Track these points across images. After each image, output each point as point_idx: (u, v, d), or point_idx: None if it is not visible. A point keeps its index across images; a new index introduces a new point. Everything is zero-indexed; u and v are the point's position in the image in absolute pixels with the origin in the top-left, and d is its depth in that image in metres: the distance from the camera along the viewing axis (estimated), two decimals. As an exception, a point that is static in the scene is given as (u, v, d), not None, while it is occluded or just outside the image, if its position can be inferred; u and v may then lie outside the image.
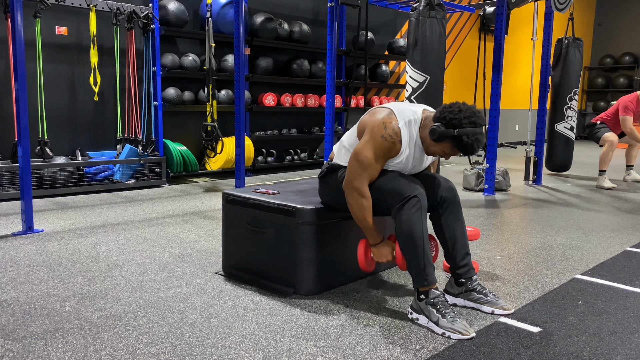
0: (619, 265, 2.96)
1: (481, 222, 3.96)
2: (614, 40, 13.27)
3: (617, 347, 1.96)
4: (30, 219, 3.45)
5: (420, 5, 4.39)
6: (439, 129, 2.08)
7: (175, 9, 5.52)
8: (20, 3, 3.27)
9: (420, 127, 2.21)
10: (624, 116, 5.65)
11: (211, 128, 5.31)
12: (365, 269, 2.34)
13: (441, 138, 2.09)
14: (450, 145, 2.12)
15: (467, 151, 2.11)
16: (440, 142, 2.12)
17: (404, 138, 2.17)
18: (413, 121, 2.20)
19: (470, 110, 2.08)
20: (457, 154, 2.16)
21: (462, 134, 2.06)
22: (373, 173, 2.20)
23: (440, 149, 2.16)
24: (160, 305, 2.26)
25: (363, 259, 2.31)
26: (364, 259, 2.31)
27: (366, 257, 2.32)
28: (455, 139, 2.08)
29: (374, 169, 2.19)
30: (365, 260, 2.31)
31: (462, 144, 2.08)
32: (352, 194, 2.20)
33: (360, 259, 2.31)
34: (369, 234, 2.27)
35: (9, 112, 4.75)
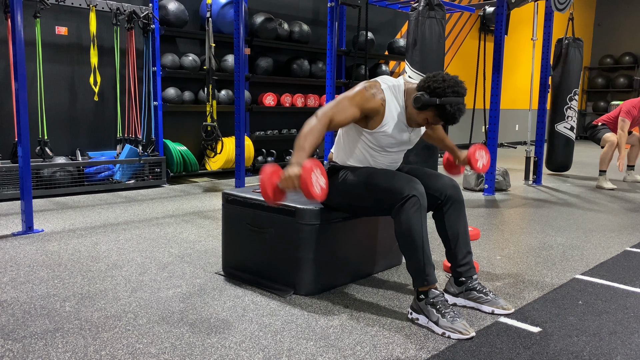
0: (619, 265, 2.96)
1: (481, 222, 3.96)
2: (614, 40, 13.27)
3: (617, 347, 1.96)
4: (30, 219, 3.45)
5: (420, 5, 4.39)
6: (422, 97, 2.11)
7: (175, 9, 5.52)
8: (20, 3, 3.27)
9: (405, 94, 2.25)
10: (623, 118, 5.69)
11: (211, 128, 5.31)
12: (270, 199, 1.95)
13: (424, 106, 2.12)
14: (433, 114, 2.15)
15: (449, 120, 2.14)
16: (423, 110, 2.15)
17: (387, 98, 2.20)
18: (396, 86, 2.25)
19: (454, 80, 2.12)
20: (438, 122, 2.20)
21: (445, 103, 2.09)
22: (340, 111, 2.12)
23: (422, 117, 2.19)
24: (160, 305, 2.26)
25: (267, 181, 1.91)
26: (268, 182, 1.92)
27: (270, 181, 1.93)
28: (438, 107, 2.11)
29: (345, 107, 2.13)
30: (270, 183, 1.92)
31: (445, 113, 2.11)
32: (311, 118, 2.10)
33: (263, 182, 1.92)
34: (297, 151, 1.99)
35: (9, 112, 4.75)
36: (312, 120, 2.11)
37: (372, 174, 2.25)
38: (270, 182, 1.93)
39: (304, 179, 1.88)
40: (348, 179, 2.30)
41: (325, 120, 2.11)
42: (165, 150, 5.66)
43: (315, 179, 1.92)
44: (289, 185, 1.92)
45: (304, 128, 2.08)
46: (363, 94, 2.17)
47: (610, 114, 6.04)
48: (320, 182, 1.95)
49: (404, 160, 2.62)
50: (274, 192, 1.94)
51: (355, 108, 2.16)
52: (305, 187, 1.89)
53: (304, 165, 1.91)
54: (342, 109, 2.15)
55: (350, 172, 2.32)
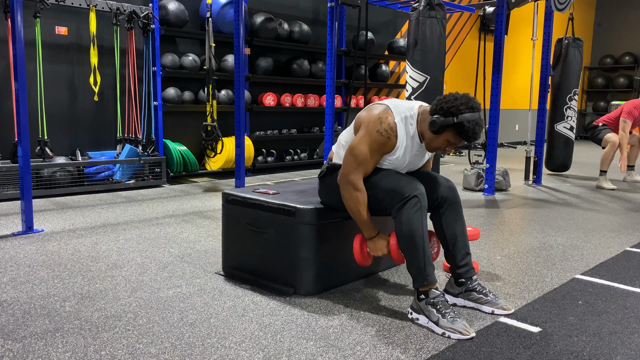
0: (619, 265, 2.96)
1: (481, 222, 3.96)
2: (614, 40, 13.27)
3: (617, 347, 1.96)
4: (30, 219, 3.45)
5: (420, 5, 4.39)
6: (438, 120, 2.08)
7: (175, 9, 5.52)
8: (20, 3, 3.27)
9: (418, 123, 2.21)
10: (625, 119, 5.70)
11: (211, 128, 5.31)
12: (362, 264, 2.34)
13: (442, 129, 2.09)
14: (453, 134, 2.11)
15: (469, 137, 2.09)
16: (441, 133, 2.11)
17: (399, 133, 2.17)
18: (409, 117, 2.20)
19: (466, 97, 2.09)
20: (460, 142, 2.15)
21: (462, 120, 2.05)
22: (368, 167, 2.21)
23: (442, 140, 2.15)
24: (160, 305, 2.26)
25: (359, 253, 2.30)
26: (359, 253, 2.30)
27: (362, 251, 2.31)
28: (456, 126, 2.07)
29: (369, 163, 2.20)
30: (362, 254, 2.31)
31: (464, 130, 2.07)
32: (346, 188, 2.21)
33: (357, 253, 2.31)
34: (364, 227, 2.27)
35: (9, 112, 4.75)
36: (349, 191, 2.22)
37: (372, 174, 2.25)
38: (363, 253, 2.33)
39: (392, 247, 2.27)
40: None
41: (360, 184, 2.21)
42: (165, 150, 5.66)
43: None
44: (378, 252, 2.29)
45: (348, 202, 2.24)
46: (378, 141, 2.16)
47: (611, 114, 6.04)
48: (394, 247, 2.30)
49: None
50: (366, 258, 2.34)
51: (377, 155, 2.20)
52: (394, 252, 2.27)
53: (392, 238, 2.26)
54: (366, 163, 2.19)
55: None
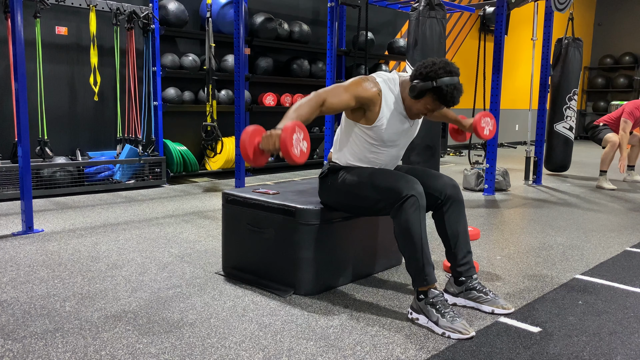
0: (619, 265, 2.96)
1: (481, 222, 3.96)
2: (614, 40, 13.27)
3: (617, 347, 1.96)
4: (30, 219, 3.45)
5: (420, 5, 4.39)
6: (417, 84, 2.12)
7: (175, 9, 5.52)
8: (20, 3, 3.27)
9: (401, 89, 2.24)
10: (626, 120, 5.69)
11: (211, 128, 5.31)
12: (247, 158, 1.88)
13: (421, 93, 2.13)
14: (432, 99, 2.14)
15: (448, 101, 2.12)
16: (421, 97, 2.15)
17: (383, 90, 2.20)
18: (391, 79, 2.25)
19: (444, 62, 2.12)
20: (439, 107, 2.18)
21: (441, 84, 2.08)
22: (335, 97, 2.11)
23: (422, 105, 2.18)
24: (160, 305, 2.27)
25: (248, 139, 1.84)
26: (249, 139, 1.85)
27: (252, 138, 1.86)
28: (435, 90, 2.10)
29: (340, 94, 2.12)
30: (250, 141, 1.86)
31: (443, 94, 2.10)
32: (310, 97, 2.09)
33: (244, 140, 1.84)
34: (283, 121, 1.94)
35: (9, 112, 4.75)
36: (304, 98, 2.11)
37: (371, 174, 2.25)
38: (250, 142, 1.85)
39: (283, 139, 1.80)
40: (347, 178, 2.30)
41: (317, 99, 2.08)
42: (165, 150, 5.66)
43: (296, 140, 1.84)
44: (269, 145, 1.86)
45: (295, 103, 2.07)
46: (358, 84, 2.18)
47: (611, 114, 6.04)
48: (302, 146, 1.88)
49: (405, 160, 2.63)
50: (255, 152, 1.87)
51: (350, 95, 2.14)
52: (284, 148, 1.81)
53: (285, 126, 1.84)
54: (336, 93, 2.14)
55: (349, 172, 2.32)
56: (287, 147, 1.81)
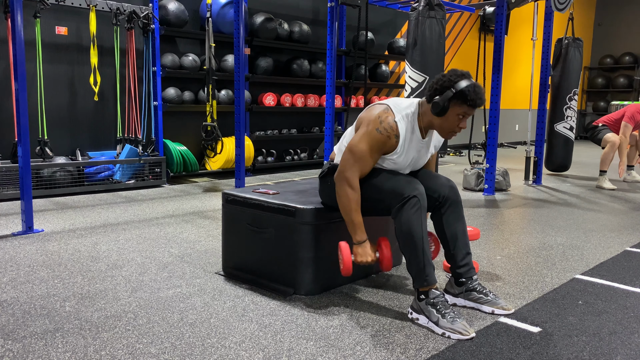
0: (619, 265, 2.96)
1: (481, 222, 3.96)
2: (614, 40, 13.27)
3: (617, 347, 1.96)
4: (30, 219, 3.45)
5: (420, 5, 4.39)
6: (439, 99, 2.10)
7: (175, 9, 5.52)
8: (20, 3, 3.27)
9: (419, 117, 2.22)
10: (626, 123, 5.70)
11: (211, 128, 5.31)
12: (347, 272, 2.19)
13: (445, 107, 2.09)
14: (458, 105, 2.10)
15: (475, 100, 2.08)
16: (447, 111, 2.11)
17: (401, 132, 2.17)
18: (410, 114, 2.21)
19: (451, 71, 2.12)
20: (470, 111, 2.12)
21: (460, 88, 2.07)
22: (365, 166, 2.20)
23: (452, 118, 2.13)
24: (160, 305, 2.27)
25: (349, 258, 2.17)
26: (349, 259, 2.17)
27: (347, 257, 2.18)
28: (458, 95, 2.08)
29: (367, 162, 2.19)
30: (347, 260, 2.17)
31: (466, 95, 2.07)
32: (342, 186, 2.20)
33: (347, 258, 2.16)
34: (355, 229, 2.20)
35: (9, 112, 4.75)
36: (344, 189, 2.18)
37: (372, 174, 2.25)
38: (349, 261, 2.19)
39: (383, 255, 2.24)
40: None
41: (355, 182, 2.19)
42: (165, 150, 5.66)
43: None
44: (367, 260, 2.21)
45: (342, 200, 2.19)
46: (378, 139, 2.15)
47: (611, 115, 6.03)
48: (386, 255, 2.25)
49: None
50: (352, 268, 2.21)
51: (376, 155, 2.20)
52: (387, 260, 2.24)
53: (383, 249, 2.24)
54: (364, 161, 2.18)
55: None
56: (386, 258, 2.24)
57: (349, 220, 2.21)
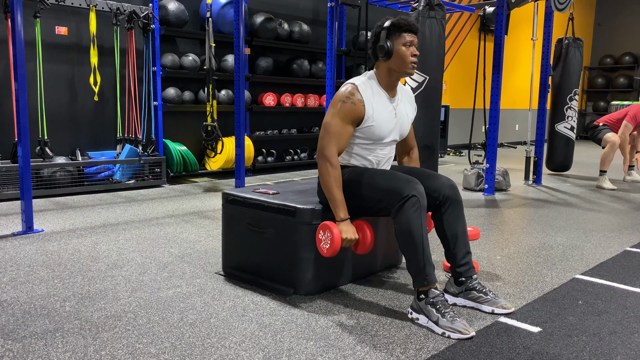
0: (619, 265, 2.96)
1: (481, 222, 3.96)
2: (614, 40, 13.27)
3: (617, 347, 1.96)
4: (30, 219, 3.45)
5: (420, 5, 4.39)
6: (379, 45, 2.26)
7: (175, 9, 5.52)
8: (20, 3, 3.27)
9: (378, 79, 2.34)
10: (627, 123, 5.70)
11: (211, 128, 5.31)
12: (335, 252, 2.20)
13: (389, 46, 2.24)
14: (398, 37, 2.25)
15: (409, 24, 2.24)
16: (392, 48, 2.25)
17: (364, 95, 2.27)
18: (367, 79, 2.34)
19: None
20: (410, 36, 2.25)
21: (389, 23, 2.25)
22: (341, 140, 2.26)
23: (401, 52, 2.25)
24: (160, 305, 2.27)
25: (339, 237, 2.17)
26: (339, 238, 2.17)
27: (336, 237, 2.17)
28: (390, 29, 2.25)
29: (342, 135, 2.25)
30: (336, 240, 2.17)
31: (399, 25, 2.24)
32: (322, 163, 2.25)
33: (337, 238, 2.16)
34: (338, 205, 2.23)
35: (9, 112, 4.75)
36: (325, 166, 2.23)
37: (372, 174, 2.26)
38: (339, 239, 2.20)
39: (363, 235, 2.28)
40: (348, 179, 2.30)
41: (335, 159, 2.24)
42: (165, 150, 5.66)
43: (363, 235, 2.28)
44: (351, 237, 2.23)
45: (324, 177, 2.24)
46: (345, 108, 2.25)
47: (612, 115, 6.03)
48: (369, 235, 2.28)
49: None
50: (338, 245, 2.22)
51: (349, 126, 2.27)
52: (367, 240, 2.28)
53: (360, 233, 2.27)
54: (339, 135, 2.25)
55: (350, 173, 2.32)
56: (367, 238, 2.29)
57: (331, 198, 2.25)
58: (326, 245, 2.22)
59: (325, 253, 2.24)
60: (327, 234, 2.21)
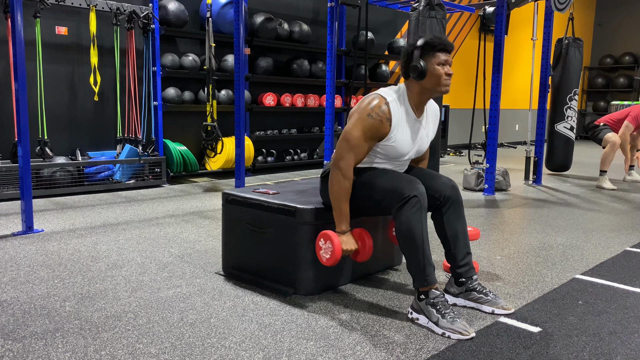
0: (619, 265, 2.96)
1: (481, 222, 3.96)
2: (614, 40, 13.27)
3: (617, 347, 1.96)
4: (30, 219, 3.45)
5: (420, 5, 4.39)
6: (412, 63, 2.19)
7: (175, 9, 5.52)
8: (20, 3, 3.27)
9: (408, 97, 2.26)
10: (628, 123, 5.70)
11: (211, 128, 5.31)
12: (335, 262, 2.22)
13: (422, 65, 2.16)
14: (431, 55, 2.18)
15: (441, 42, 2.18)
16: (426, 68, 2.18)
17: (393, 114, 2.20)
18: (400, 96, 2.26)
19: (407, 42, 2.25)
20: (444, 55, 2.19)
21: (422, 42, 2.19)
22: (360, 153, 2.22)
23: (435, 72, 2.18)
24: (160, 305, 2.27)
25: (340, 248, 2.19)
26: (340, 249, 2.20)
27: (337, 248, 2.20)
28: (425, 47, 2.18)
29: (362, 148, 2.21)
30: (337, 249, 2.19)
31: (433, 44, 2.17)
32: (336, 173, 2.21)
33: (338, 248, 2.19)
34: (342, 218, 2.24)
35: (9, 112, 4.75)
36: (337, 176, 2.19)
37: (372, 174, 2.25)
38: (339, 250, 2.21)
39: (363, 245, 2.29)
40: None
41: (349, 171, 2.21)
42: (165, 150, 5.66)
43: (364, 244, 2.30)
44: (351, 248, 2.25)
45: (334, 187, 2.21)
46: (371, 124, 2.17)
47: (613, 115, 6.03)
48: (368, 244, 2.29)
49: None
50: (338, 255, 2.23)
51: (370, 141, 2.22)
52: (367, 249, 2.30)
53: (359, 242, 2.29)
54: (358, 148, 2.19)
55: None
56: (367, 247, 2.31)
57: (337, 208, 2.24)
58: (326, 255, 2.23)
59: (325, 262, 2.25)
60: (327, 244, 2.22)
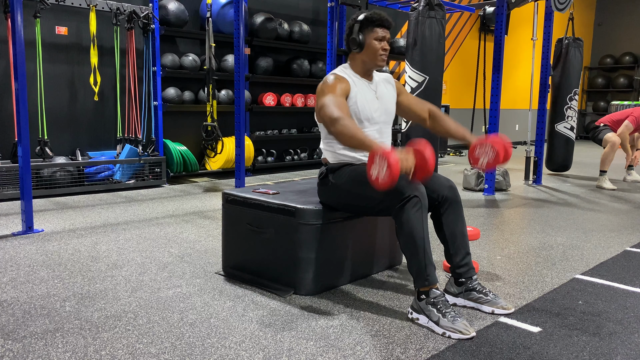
0: (619, 265, 2.96)
1: (481, 222, 3.96)
2: (614, 40, 13.27)
3: (617, 347, 1.96)
4: (30, 219, 3.45)
5: (420, 5, 4.39)
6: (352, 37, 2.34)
7: (175, 9, 5.52)
8: (20, 3, 3.27)
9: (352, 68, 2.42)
10: (629, 123, 5.71)
11: (211, 128, 5.31)
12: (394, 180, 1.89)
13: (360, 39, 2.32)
14: (370, 31, 2.32)
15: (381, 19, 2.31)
16: (364, 42, 2.33)
17: (347, 77, 2.36)
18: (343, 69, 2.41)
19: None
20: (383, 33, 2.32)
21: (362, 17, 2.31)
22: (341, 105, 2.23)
23: (372, 45, 2.33)
24: (160, 305, 2.26)
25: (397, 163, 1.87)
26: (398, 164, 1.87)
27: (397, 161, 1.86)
28: (363, 22, 2.32)
29: (339, 101, 2.25)
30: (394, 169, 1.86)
31: (371, 19, 2.31)
32: (334, 125, 2.11)
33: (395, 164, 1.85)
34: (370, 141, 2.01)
35: (9, 112, 4.75)
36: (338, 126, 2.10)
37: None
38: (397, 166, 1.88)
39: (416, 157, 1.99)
40: (348, 179, 2.30)
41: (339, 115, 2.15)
42: (165, 150, 5.66)
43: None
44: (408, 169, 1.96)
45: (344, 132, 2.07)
46: (333, 84, 2.30)
47: (613, 115, 6.03)
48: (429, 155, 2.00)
49: None
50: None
51: (342, 97, 2.30)
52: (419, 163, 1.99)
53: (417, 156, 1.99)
54: (336, 102, 2.24)
55: (351, 172, 2.32)
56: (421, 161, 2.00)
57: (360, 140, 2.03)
58: (383, 173, 1.89)
59: (383, 183, 1.91)
60: (382, 162, 1.89)
